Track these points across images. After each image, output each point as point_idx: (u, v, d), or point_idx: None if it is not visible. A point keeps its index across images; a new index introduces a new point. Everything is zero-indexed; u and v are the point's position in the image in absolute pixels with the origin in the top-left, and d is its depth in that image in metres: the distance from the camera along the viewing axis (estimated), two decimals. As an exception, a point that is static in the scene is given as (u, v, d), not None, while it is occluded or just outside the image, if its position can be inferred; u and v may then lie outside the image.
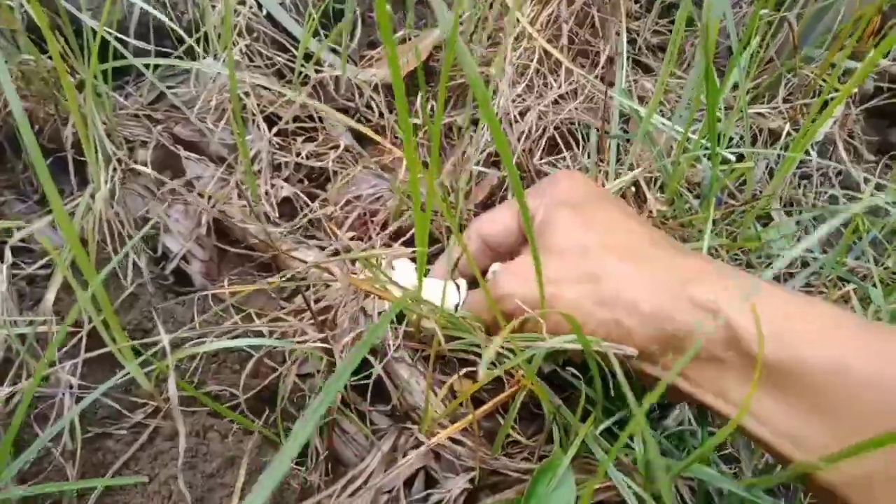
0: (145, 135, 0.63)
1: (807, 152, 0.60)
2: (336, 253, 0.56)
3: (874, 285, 0.57)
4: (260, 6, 0.72)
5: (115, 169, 0.58)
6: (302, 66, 0.65)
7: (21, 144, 0.65)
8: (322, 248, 0.57)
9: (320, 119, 0.66)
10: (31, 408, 0.51)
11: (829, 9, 0.72)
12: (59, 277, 0.52)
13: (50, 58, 0.61)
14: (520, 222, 0.48)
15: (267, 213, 0.58)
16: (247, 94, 0.64)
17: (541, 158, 0.65)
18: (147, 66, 0.65)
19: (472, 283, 0.51)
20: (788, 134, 0.67)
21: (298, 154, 0.61)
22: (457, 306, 0.49)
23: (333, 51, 0.73)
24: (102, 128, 0.59)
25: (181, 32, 0.66)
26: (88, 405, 0.50)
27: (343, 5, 0.73)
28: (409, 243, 0.59)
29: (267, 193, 0.58)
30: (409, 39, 0.80)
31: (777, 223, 0.62)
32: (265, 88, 0.58)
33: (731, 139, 0.64)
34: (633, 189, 0.63)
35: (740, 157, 0.60)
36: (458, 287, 0.50)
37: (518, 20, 0.68)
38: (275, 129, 0.62)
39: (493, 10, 0.76)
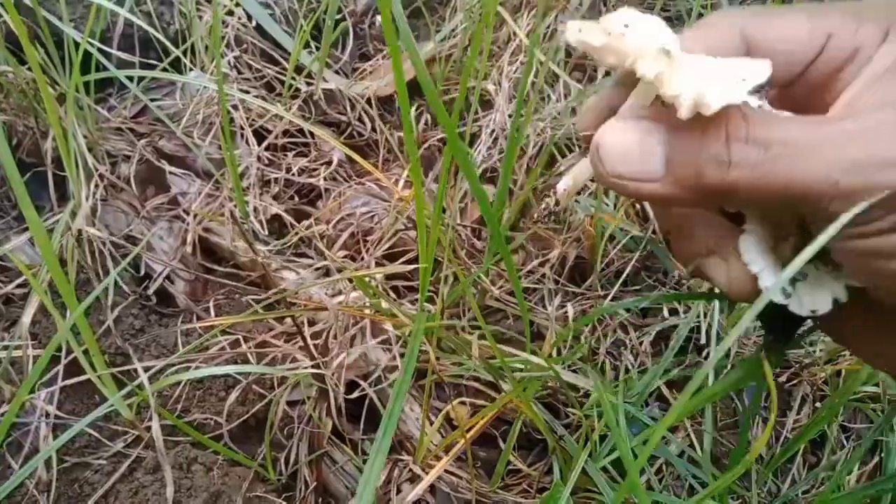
0: (128, 149, 0.60)
1: None
2: (327, 273, 0.54)
3: None
4: (249, 17, 0.70)
5: (96, 185, 0.56)
6: (292, 78, 0.64)
7: (-1, 158, 0.63)
8: (314, 269, 0.55)
9: (311, 133, 0.64)
10: (5, 435, 0.49)
11: None
12: (35, 300, 0.50)
13: (29, 69, 0.59)
14: (826, 42, 0.28)
15: (255, 231, 0.55)
16: (235, 107, 0.62)
17: (541, 176, 0.63)
18: (131, 78, 0.63)
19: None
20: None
21: (289, 170, 0.59)
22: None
23: (325, 64, 0.71)
24: (84, 142, 0.57)
25: (167, 44, 0.64)
26: (65, 433, 0.48)
27: (335, 18, 0.72)
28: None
29: (256, 210, 0.56)
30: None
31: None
32: (256, 98, 0.56)
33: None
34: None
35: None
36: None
37: (515, 33, 0.67)
38: (264, 144, 0.61)
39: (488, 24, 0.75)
